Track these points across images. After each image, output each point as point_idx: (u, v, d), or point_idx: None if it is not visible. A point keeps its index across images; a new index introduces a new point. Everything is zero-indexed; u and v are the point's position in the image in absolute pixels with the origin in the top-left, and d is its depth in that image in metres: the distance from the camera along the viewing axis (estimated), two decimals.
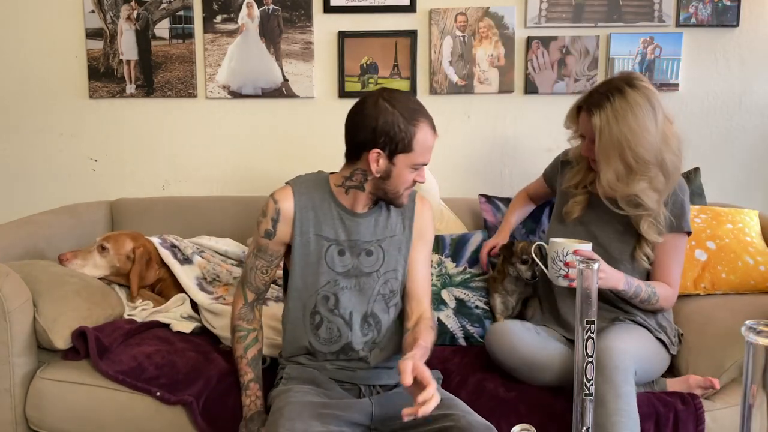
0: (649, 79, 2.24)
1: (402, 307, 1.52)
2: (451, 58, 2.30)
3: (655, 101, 1.52)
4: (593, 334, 1.02)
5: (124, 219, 2.29)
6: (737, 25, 2.24)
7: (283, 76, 2.34)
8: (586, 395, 1.04)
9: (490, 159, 2.36)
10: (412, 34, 2.29)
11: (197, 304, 1.90)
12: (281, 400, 1.37)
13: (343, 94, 2.33)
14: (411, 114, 1.37)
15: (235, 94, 2.36)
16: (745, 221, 1.94)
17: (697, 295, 1.88)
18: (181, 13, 2.34)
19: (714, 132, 2.31)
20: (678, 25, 2.25)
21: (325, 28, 2.32)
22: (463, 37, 2.29)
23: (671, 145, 1.54)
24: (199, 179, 2.44)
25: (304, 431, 1.23)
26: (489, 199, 2.14)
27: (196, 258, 2.03)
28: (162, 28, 2.35)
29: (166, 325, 1.85)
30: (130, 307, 1.92)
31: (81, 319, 1.69)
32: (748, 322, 0.73)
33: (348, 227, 1.47)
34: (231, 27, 2.33)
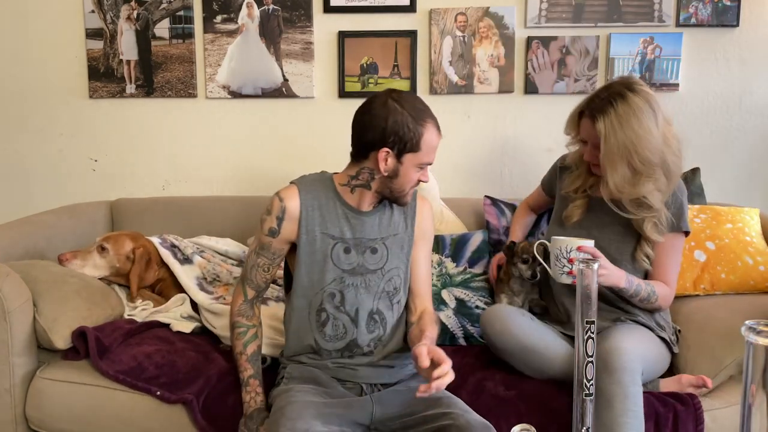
0: (649, 79, 2.25)
1: (405, 303, 1.56)
2: (451, 58, 2.30)
3: (655, 104, 1.55)
4: (593, 334, 1.03)
5: (124, 219, 2.29)
6: (737, 25, 2.24)
7: (283, 76, 2.34)
8: (586, 395, 1.04)
9: (490, 159, 2.36)
10: (412, 34, 2.29)
11: (197, 304, 1.90)
12: (282, 399, 1.37)
13: (343, 94, 2.33)
14: (419, 114, 1.41)
15: (235, 94, 2.36)
16: (745, 220, 1.94)
17: (696, 295, 1.88)
18: (181, 13, 2.34)
19: (714, 132, 2.31)
20: (678, 25, 2.25)
21: (325, 28, 2.32)
22: (463, 37, 2.29)
23: (672, 146, 1.57)
24: (199, 179, 2.44)
25: (306, 431, 1.24)
26: (494, 201, 2.13)
27: (196, 258, 2.03)
28: (162, 28, 2.35)
29: (166, 325, 1.85)
30: (130, 307, 1.92)
31: (81, 319, 1.70)
32: (748, 322, 0.73)
33: (353, 225, 1.49)
34: (231, 27, 2.33)
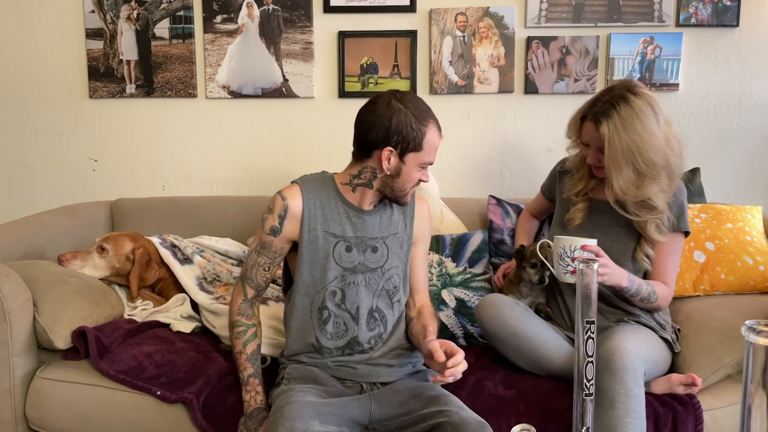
0: (649, 79, 2.26)
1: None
2: (451, 58, 2.30)
3: (656, 106, 1.56)
4: (593, 334, 1.03)
5: (124, 219, 2.29)
6: (737, 25, 2.24)
7: (283, 76, 2.34)
8: (586, 395, 1.04)
9: (490, 159, 2.36)
10: (412, 34, 2.29)
11: (197, 304, 1.90)
12: (282, 399, 1.38)
13: (343, 94, 2.33)
14: (422, 114, 1.43)
15: (235, 94, 2.36)
16: (746, 219, 1.93)
17: (697, 296, 1.88)
18: (181, 13, 2.34)
19: (714, 132, 2.31)
20: (678, 25, 2.25)
21: (325, 28, 2.32)
22: (463, 37, 2.29)
23: (673, 147, 1.58)
24: (199, 179, 2.44)
25: (304, 430, 1.24)
26: (499, 202, 2.12)
27: (197, 258, 2.03)
28: (162, 28, 2.35)
29: (166, 325, 1.85)
30: (130, 306, 1.92)
31: (81, 319, 1.70)
32: (748, 322, 0.73)
33: (355, 224, 1.51)
34: (231, 27, 2.33)
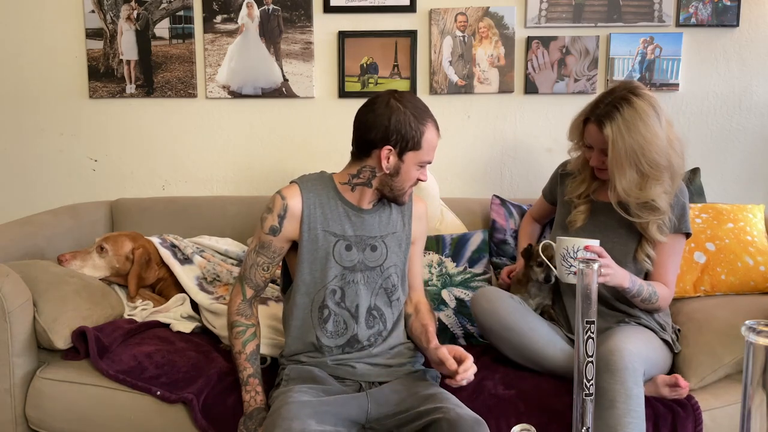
0: (649, 79, 2.26)
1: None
2: (451, 58, 2.30)
3: (658, 107, 1.57)
4: (593, 334, 1.03)
5: (124, 219, 2.29)
6: (737, 25, 2.24)
7: (283, 76, 2.34)
8: (586, 395, 1.04)
9: (490, 159, 2.36)
10: (412, 34, 2.29)
11: (197, 304, 1.90)
12: (281, 400, 1.38)
13: (343, 94, 2.33)
14: (420, 114, 1.45)
15: (235, 94, 2.36)
16: (748, 219, 1.93)
17: (697, 297, 1.88)
18: (181, 13, 2.34)
19: (714, 132, 2.31)
20: (678, 25, 2.25)
21: (325, 28, 2.32)
22: (463, 37, 2.29)
23: (675, 148, 1.59)
24: (199, 179, 2.44)
25: (302, 431, 1.25)
26: (503, 202, 2.11)
27: (197, 258, 2.03)
28: (162, 28, 2.35)
29: (166, 325, 1.85)
30: (130, 307, 1.92)
31: (81, 319, 1.70)
32: (748, 322, 0.73)
33: (354, 223, 1.52)
34: (231, 27, 2.33)
